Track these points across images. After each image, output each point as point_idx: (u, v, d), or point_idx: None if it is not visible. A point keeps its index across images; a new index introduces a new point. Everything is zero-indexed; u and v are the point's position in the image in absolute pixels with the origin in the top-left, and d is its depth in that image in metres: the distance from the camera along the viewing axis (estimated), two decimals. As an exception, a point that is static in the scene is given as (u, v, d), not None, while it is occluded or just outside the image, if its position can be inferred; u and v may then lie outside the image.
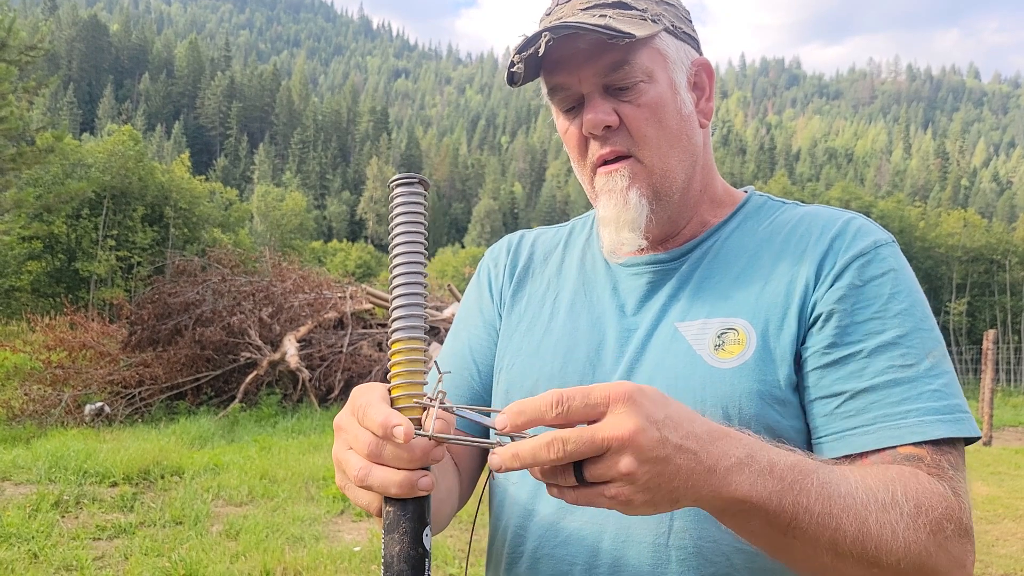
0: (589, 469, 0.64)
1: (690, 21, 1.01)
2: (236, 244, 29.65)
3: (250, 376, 11.28)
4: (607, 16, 0.91)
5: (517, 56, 0.93)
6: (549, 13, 0.98)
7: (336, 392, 11.79)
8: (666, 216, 0.99)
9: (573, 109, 0.98)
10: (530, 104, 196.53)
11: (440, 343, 8.59)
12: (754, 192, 1.07)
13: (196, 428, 9.36)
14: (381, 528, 0.69)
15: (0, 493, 6.19)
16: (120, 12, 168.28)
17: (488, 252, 1.19)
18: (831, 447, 0.87)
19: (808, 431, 0.90)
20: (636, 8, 0.94)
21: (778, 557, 0.77)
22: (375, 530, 5.58)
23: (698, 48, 1.02)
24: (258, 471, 7.13)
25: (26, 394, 10.38)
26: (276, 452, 8.12)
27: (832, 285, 0.90)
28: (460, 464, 1.01)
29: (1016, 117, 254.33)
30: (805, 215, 0.99)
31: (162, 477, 6.81)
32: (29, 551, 4.77)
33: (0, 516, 5.34)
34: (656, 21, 0.94)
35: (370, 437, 0.66)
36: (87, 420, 9.82)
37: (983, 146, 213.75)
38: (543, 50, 0.91)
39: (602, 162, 0.97)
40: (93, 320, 14.43)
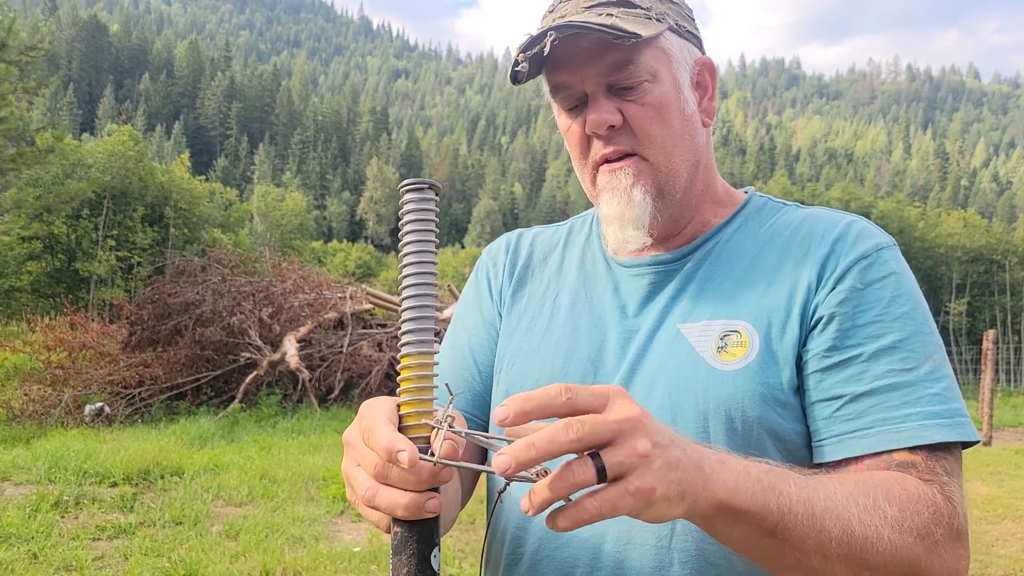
0: (608, 455, 0.62)
1: (693, 19, 1.00)
2: (236, 244, 29.61)
3: (250, 376, 11.28)
4: (613, 15, 0.90)
5: (522, 55, 0.92)
6: (552, 10, 0.97)
7: (336, 392, 11.78)
8: (668, 214, 0.98)
9: (576, 108, 0.97)
10: (530, 104, 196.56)
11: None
12: (754, 193, 1.06)
13: (196, 428, 9.35)
14: (390, 549, 0.68)
15: (0, 493, 6.20)
16: (120, 12, 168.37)
17: (486, 251, 1.18)
18: (830, 450, 0.87)
19: (809, 434, 0.90)
20: (641, 6, 0.93)
21: (770, 565, 0.76)
22: (375, 530, 5.58)
23: (701, 47, 1.01)
24: (258, 471, 7.12)
25: (26, 394, 10.37)
26: (276, 452, 8.11)
27: (834, 288, 0.89)
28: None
29: (1016, 117, 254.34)
30: (807, 217, 0.99)
31: (162, 477, 6.81)
32: (29, 551, 4.77)
33: (0, 516, 5.34)
34: (661, 20, 0.93)
35: (376, 458, 0.65)
36: (87, 420, 9.81)
37: (983, 146, 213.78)
38: (548, 49, 0.89)
39: (605, 161, 0.96)
40: (93, 320, 14.41)
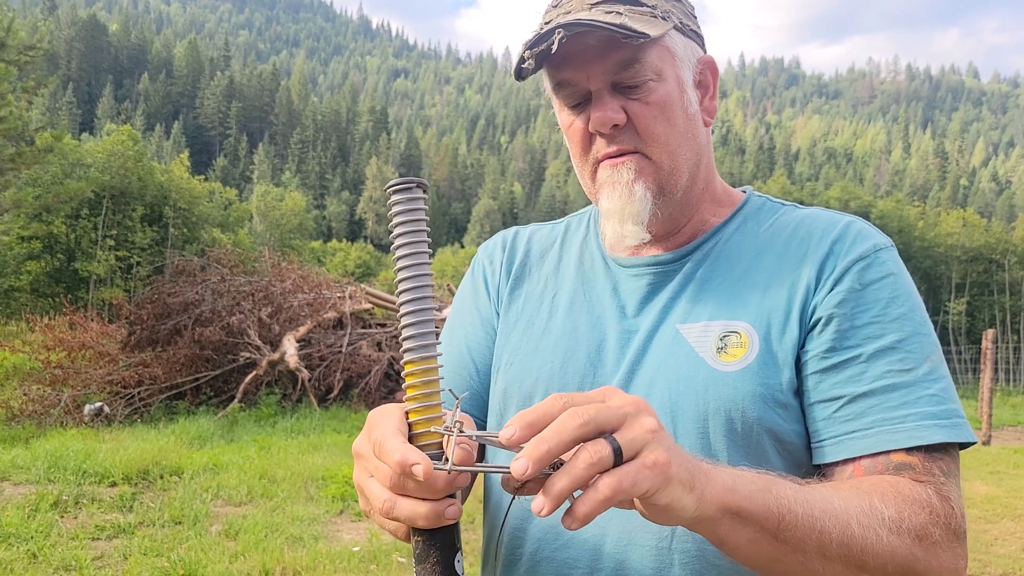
0: (620, 434, 0.61)
1: (695, 18, 0.99)
2: (235, 244, 29.59)
3: (249, 376, 11.27)
4: (621, 13, 0.90)
5: (528, 52, 0.91)
6: (557, 5, 0.95)
7: (335, 392, 11.79)
8: (668, 213, 0.98)
9: (579, 105, 0.96)
10: (529, 104, 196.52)
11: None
12: (752, 192, 1.06)
13: (195, 428, 9.35)
14: (412, 558, 0.68)
15: (-1, 493, 6.20)
16: (119, 12, 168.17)
17: (482, 248, 1.17)
18: (830, 450, 0.87)
19: (809, 435, 0.90)
20: (647, 4, 0.92)
21: (773, 570, 0.76)
22: (374, 530, 5.57)
23: (703, 45, 1.01)
24: (257, 471, 7.12)
25: (25, 394, 10.36)
26: (275, 452, 8.11)
27: (832, 289, 0.89)
28: None
29: (1015, 117, 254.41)
30: (805, 218, 0.98)
31: (161, 477, 6.81)
32: (28, 551, 4.77)
33: (-1, 516, 5.35)
34: (666, 18, 0.93)
35: (390, 469, 0.64)
36: (86, 420, 9.80)
37: (982, 146, 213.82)
38: (556, 47, 0.88)
39: (607, 158, 0.96)
40: (92, 320, 14.41)
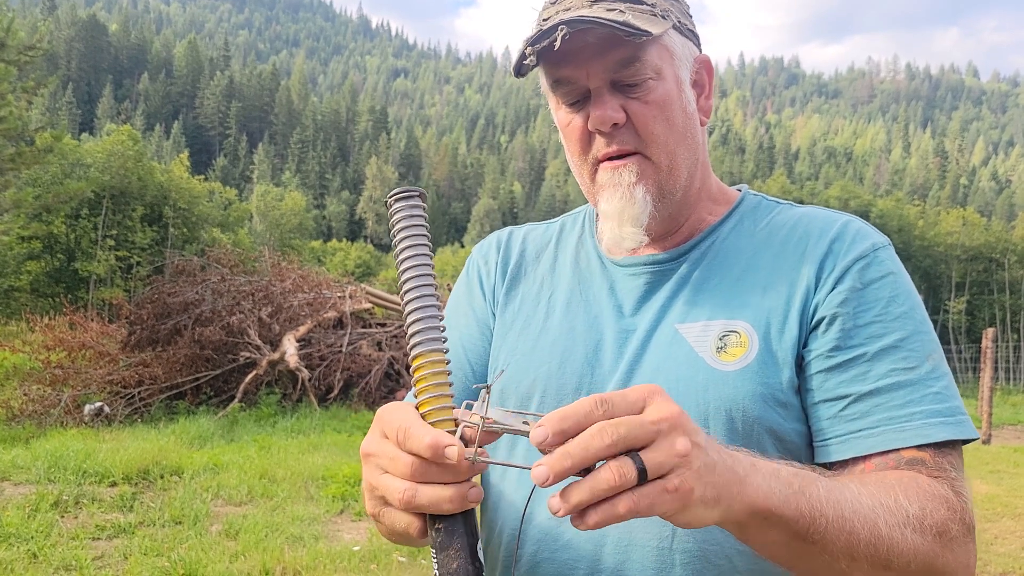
0: (648, 455, 0.60)
1: (691, 17, 1.00)
2: (235, 244, 29.58)
3: (249, 376, 11.27)
4: (623, 11, 0.89)
5: (530, 48, 0.90)
6: (555, 2, 0.95)
7: (335, 392, 11.79)
8: (667, 213, 0.98)
9: (577, 103, 0.95)
10: (529, 103, 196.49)
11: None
12: (748, 191, 1.06)
13: (195, 428, 9.35)
14: (432, 549, 0.67)
15: (0, 493, 6.20)
16: (119, 12, 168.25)
17: (476, 248, 1.16)
18: (836, 449, 0.87)
19: (809, 434, 0.90)
20: (647, 2, 0.92)
21: (799, 569, 0.76)
22: (374, 530, 5.57)
23: (699, 45, 1.01)
24: (257, 471, 7.12)
25: (25, 394, 10.36)
26: (275, 452, 8.11)
27: (833, 288, 0.89)
28: None
29: (1015, 116, 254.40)
30: (802, 216, 0.98)
31: (161, 477, 6.81)
32: (28, 551, 4.77)
33: (0, 516, 5.35)
34: (666, 17, 0.92)
35: (410, 459, 0.64)
36: (86, 420, 9.80)
37: (982, 145, 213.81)
38: (559, 43, 0.87)
39: (607, 159, 0.95)
40: (92, 320, 14.40)
